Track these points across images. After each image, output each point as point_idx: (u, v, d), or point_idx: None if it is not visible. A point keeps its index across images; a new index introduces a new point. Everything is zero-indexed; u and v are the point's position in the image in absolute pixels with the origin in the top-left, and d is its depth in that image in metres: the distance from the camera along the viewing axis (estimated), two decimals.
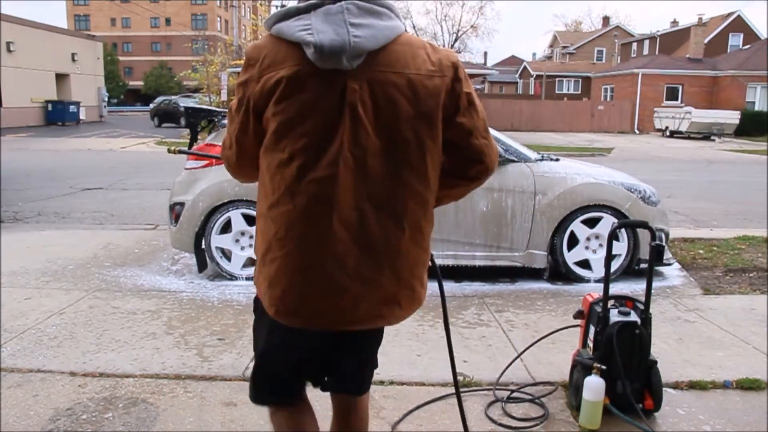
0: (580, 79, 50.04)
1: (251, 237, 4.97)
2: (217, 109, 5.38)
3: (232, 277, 4.98)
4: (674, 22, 47.29)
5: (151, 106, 36.24)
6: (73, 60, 33.85)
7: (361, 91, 1.52)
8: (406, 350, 3.56)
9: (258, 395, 1.88)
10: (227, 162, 1.76)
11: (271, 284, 1.61)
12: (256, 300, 1.75)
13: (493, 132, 5.20)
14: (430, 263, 1.78)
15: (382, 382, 3.14)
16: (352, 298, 1.58)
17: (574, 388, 2.89)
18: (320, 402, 2.96)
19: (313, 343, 1.76)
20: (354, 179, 1.53)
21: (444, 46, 57.64)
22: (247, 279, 4.96)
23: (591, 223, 5.01)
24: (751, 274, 5.32)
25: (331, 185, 1.52)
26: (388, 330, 3.93)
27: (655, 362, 2.84)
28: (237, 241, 5.00)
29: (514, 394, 3.02)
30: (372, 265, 1.58)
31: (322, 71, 1.50)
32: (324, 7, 1.52)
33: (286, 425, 1.85)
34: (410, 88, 1.54)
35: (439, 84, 1.58)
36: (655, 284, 4.29)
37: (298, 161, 1.53)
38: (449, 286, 4.95)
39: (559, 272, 5.08)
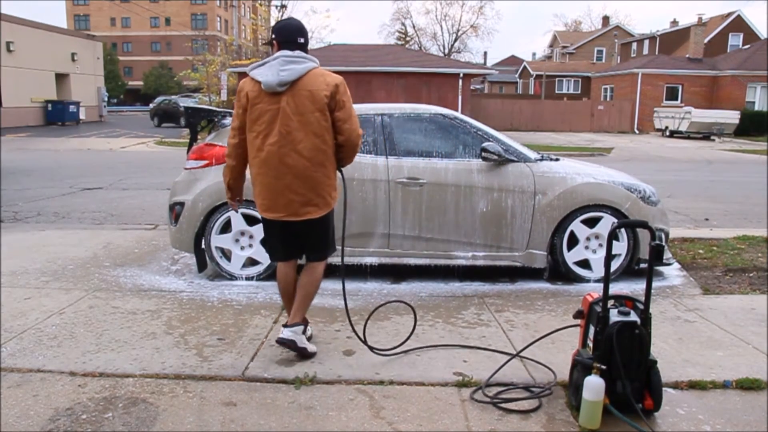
0: (580, 79, 50.04)
1: (251, 237, 4.97)
2: (217, 109, 5.37)
3: (232, 277, 4.98)
4: (674, 22, 47.27)
5: (151, 106, 36.25)
6: (73, 60, 33.85)
7: (288, 99, 3.18)
8: (406, 350, 3.55)
9: (271, 257, 3.63)
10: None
11: (258, 197, 3.33)
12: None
13: (492, 132, 5.23)
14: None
15: (381, 382, 3.15)
16: (291, 202, 3.24)
17: (574, 388, 2.89)
18: (320, 401, 2.98)
19: (281, 228, 3.36)
20: (287, 142, 3.18)
21: (444, 45, 57.81)
22: (247, 279, 4.96)
23: (591, 222, 5.01)
24: (751, 274, 5.32)
25: (277, 146, 3.19)
26: (389, 330, 3.95)
27: (655, 362, 2.84)
28: (237, 240, 5.00)
29: (512, 393, 3.02)
30: (300, 185, 3.23)
31: (269, 92, 3.19)
32: (269, 63, 3.21)
33: (280, 272, 3.50)
34: (311, 96, 3.18)
35: (326, 94, 3.19)
36: (655, 284, 4.29)
37: (261, 136, 3.22)
38: (450, 286, 4.96)
39: (558, 272, 5.08)
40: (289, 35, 3.25)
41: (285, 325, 3.41)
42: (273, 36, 3.31)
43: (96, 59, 36.91)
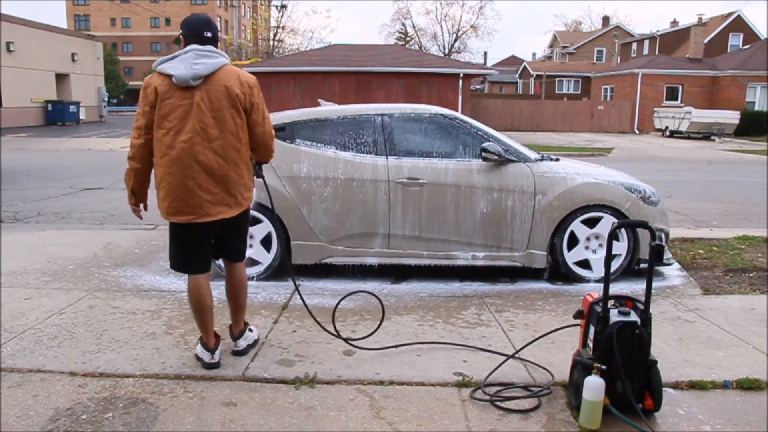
0: (580, 79, 50.03)
1: (251, 237, 4.96)
2: None
3: None
4: (674, 22, 47.26)
5: None
6: (73, 60, 33.85)
7: (201, 94, 3.02)
8: (406, 350, 3.56)
9: (174, 266, 3.30)
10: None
11: (164, 200, 3.10)
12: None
13: (492, 132, 5.22)
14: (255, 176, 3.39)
15: (381, 382, 3.15)
16: (203, 202, 3.06)
17: (574, 388, 2.90)
18: (320, 401, 2.97)
19: (192, 232, 3.16)
20: (201, 139, 3.02)
21: (444, 46, 57.84)
22: (247, 279, 4.95)
23: (591, 223, 5.01)
24: (751, 274, 5.32)
25: (191, 143, 3.01)
26: (388, 330, 3.96)
27: (655, 362, 2.84)
28: None
29: (512, 393, 3.02)
30: (213, 184, 3.07)
31: (180, 87, 3.02)
32: (180, 56, 3.05)
33: (194, 285, 3.24)
34: (227, 92, 3.05)
35: (240, 92, 3.08)
36: (655, 284, 4.29)
37: (172, 132, 3.02)
38: (450, 286, 4.96)
39: (559, 272, 5.08)
40: (197, 28, 3.11)
41: (235, 337, 3.48)
42: (180, 31, 3.16)
43: (96, 59, 36.90)
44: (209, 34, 3.13)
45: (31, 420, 2.74)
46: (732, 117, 29.20)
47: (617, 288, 3.89)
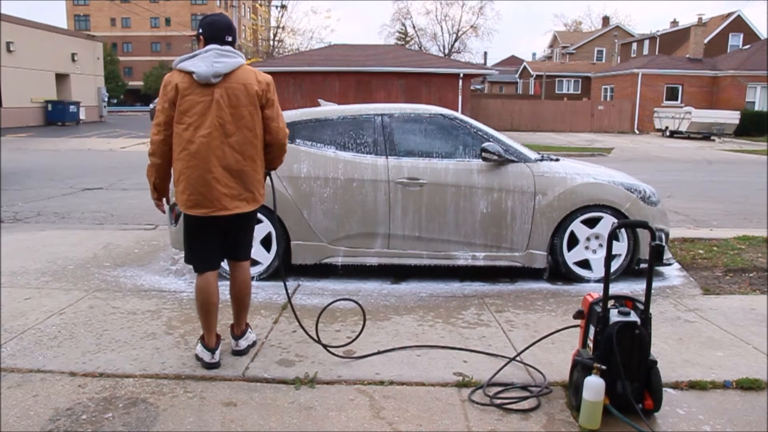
0: (580, 79, 50.03)
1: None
2: None
3: None
4: (674, 22, 47.28)
5: (151, 106, 36.17)
6: (73, 60, 33.85)
7: (221, 92, 3.12)
8: (406, 350, 3.56)
9: (191, 262, 3.34)
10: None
11: (183, 193, 3.16)
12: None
13: (492, 132, 5.22)
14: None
15: (382, 382, 3.15)
16: (222, 197, 3.14)
17: (574, 388, 2.90)
18: (320, 401, 2.98)
19: (207, 226, 3.23)
20: (220, 135, 3.12)
21: (444, 46, 57.87)
22: None
23: (591, 223, 5.01)
24: (751, 274, 5.32)
25: (209, 138, 3.10)
26: (388, 330, 3.96)
27: (655, 362, 2.84)
28: None
29: (512, 393, 3.02)
30: (230, 179, 3.15)
31: (201, 84, 3.11)
32: (201, 55, 3.14)
33: (207, 283, 3.28)
34: (245, 90, 3.15)
35: (258, 90, 3.19)
36: (655, 284, 4.30)
37: (192, 128, 3.11)
38: (450, 286, 4.96)
39: (559, 272, 5.07)
40: (219, 32, 3.20)
41: (236, 337, 3.48)
42: (200, 30, 3.23)
43: (96, 59, 36.90)
44: (230, 38, 3.23)
45: (31, 420, 2.74)
46: (732, 117, 29.21)
47: (617, 288, 3.90)
